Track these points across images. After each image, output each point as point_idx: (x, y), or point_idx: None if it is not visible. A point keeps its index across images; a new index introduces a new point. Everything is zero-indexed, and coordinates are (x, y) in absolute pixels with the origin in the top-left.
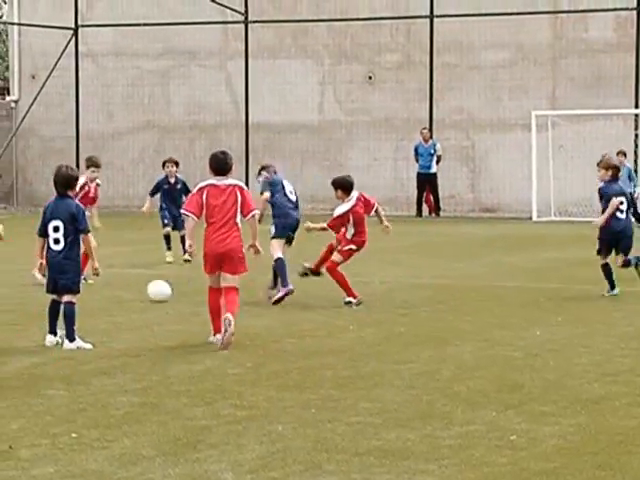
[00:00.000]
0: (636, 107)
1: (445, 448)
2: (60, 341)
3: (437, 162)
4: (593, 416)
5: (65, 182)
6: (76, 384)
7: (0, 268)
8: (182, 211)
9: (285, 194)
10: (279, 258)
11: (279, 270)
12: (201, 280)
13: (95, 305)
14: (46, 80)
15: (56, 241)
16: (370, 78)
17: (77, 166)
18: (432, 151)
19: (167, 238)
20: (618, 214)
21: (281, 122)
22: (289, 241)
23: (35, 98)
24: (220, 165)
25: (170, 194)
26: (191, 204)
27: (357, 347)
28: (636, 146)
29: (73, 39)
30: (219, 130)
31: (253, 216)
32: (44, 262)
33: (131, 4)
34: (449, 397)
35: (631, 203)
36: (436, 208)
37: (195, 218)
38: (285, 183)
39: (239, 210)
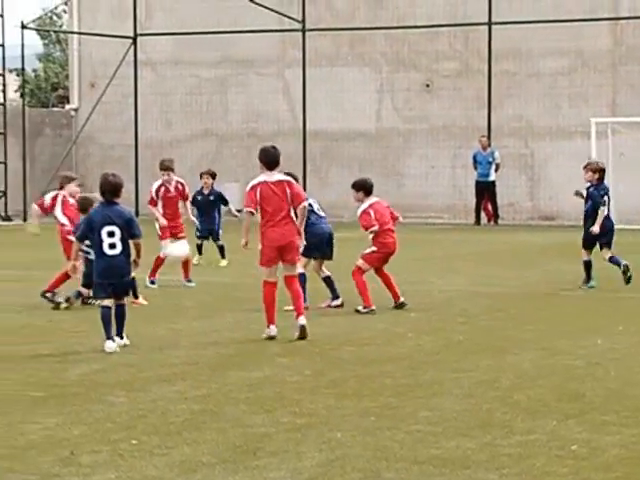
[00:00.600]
0: None
1: (505, 457)
2: (118, 348)
3: (495, 170)
4: None
5: (113, 189)
6: (136, 391)
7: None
8: (243, 208)
9: (314, 211)
10: (301, 274)
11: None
12: (256, 287)
13: (155, 312)
14: (105, 88)
15: (112, 246)
16: (428, 86)
17: (136, 174)
18: (490, 159)
19: (199, 247)
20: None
21: (338, 130)
22: (327, 257)
23: (94, 106)
24: (270, 158)
25: (203, 206)
26: (248, 201)
27: (416, 355)
28: None
29: (132, 48)
30: (276, 138)
31: (304, 207)
32: (77, 264)
33: (189, 13)
34: (509, 406)
35: None
36: (494, 216)
37: (253, 211)
38: (311, 201)
39: (290, 203)
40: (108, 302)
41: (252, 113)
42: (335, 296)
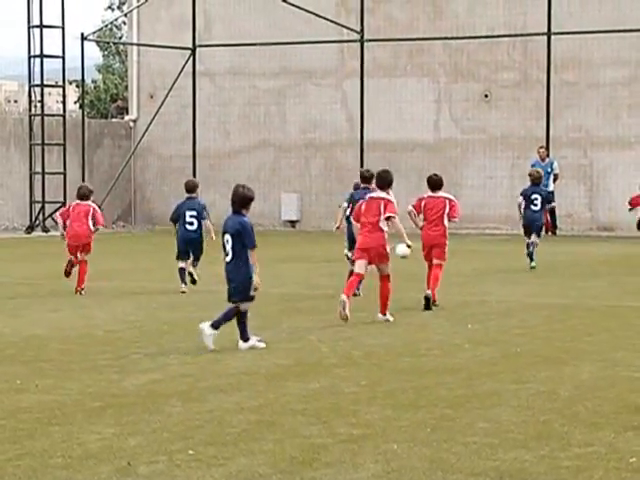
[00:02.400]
0: None
1: (563, 469)
2: (215, 333)
3: (554, 180)
4: None
5: (240, 201)
6: (193, 401)
7: (120, 286)
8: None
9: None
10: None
11: None
12: (314, 298)
13: None
14: (164, 99)
15: (227, 253)
16: (486, 96)
17: None
18: (549, 169)
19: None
20: (532, 207)
21: (396, 140)
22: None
23: (153, 117)
24: (382, 180)
25: None
26: (354, 214)
27: (473, 366)
28: None
29: (191, 59)
30: (334, 148)
31: (388, 218)
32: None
33: (248, 24)
34: (567, 418)
35: None
36: (553, 227)
37: (356, 225)
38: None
39: (382, 216)
40: (238, 305)
41: (310, 123)
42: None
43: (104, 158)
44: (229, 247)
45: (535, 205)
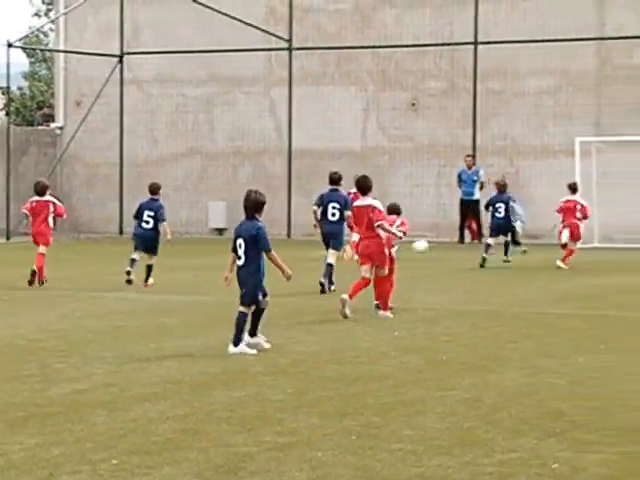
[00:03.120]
0: None
1: (486, 476)
2: (242, 348)
3: (480, 188)
4: (638, 445)
5: (253, 206)
6: (117, 410)
7: (46, 294)
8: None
9: (326, 215)
10: (329, 264)
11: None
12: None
13: (138, 331)
14: (91, 107)
15: (240, 257)
16: (414, 105)
17: (121, 192)
18: (475, 177)
19: None
20: (497, 214)
21: (324, 148)
22: (329, 247)
23: (80, 125)
24: (361, 186)
25: None
26: (348, 221)
27: (399, 374)
28: None
29: (118, 66)
30: (262, 156)
31: (378, 226)
32: (229, 276)
33: (176, 31)
34: (491, 424)
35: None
36: (478, 235)
37: (353, 232)
38: (331, 206)
39: (373, 223)
40: (243, 308)
41: (238, 131)
42: (330, 282)
43: (30, 166)
44: (241, 252)
45: (499, 213)
